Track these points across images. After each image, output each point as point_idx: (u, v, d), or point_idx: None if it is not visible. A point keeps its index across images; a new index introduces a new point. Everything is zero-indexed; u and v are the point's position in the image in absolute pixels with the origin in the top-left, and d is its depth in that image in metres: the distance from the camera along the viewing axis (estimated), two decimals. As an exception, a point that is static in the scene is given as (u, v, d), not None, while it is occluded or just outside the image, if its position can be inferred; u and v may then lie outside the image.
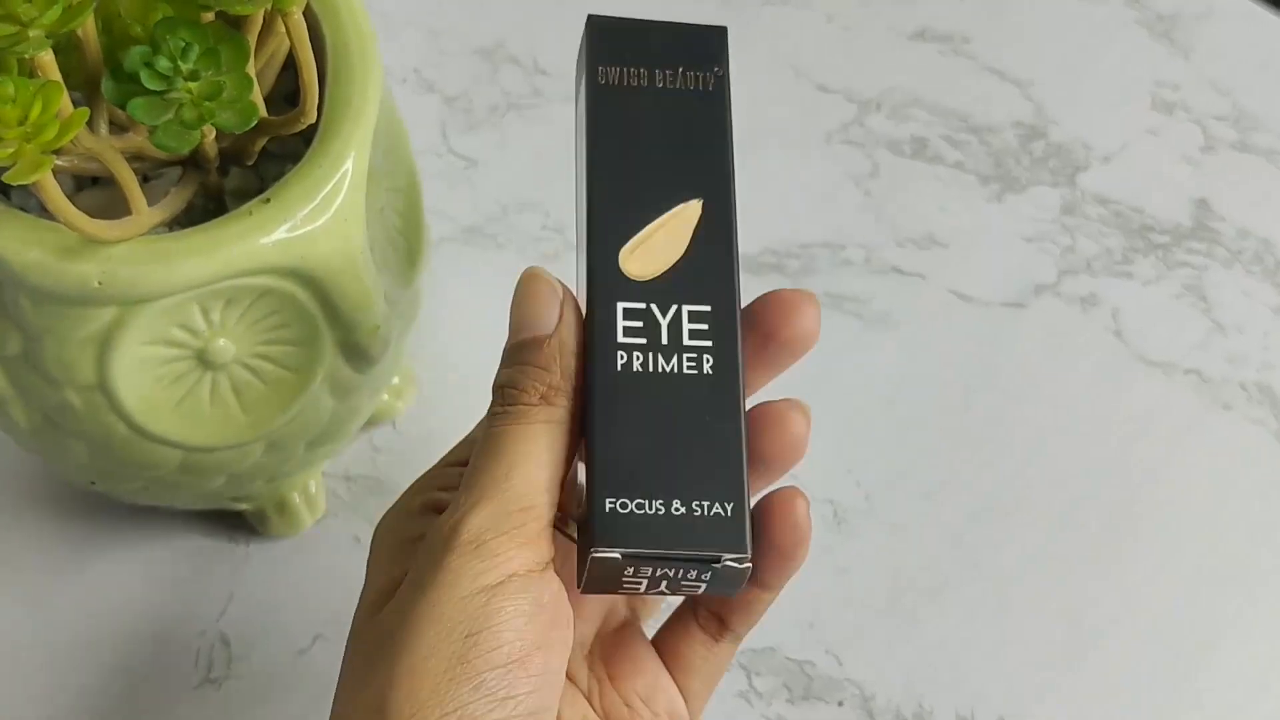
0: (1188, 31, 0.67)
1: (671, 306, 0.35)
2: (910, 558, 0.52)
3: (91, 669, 0.48)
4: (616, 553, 0.33)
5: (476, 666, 0.31)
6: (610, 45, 0.38)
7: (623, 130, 0.37)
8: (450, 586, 0.32)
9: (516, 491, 0.33)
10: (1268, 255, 0.60)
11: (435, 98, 0.63)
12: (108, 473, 0.44)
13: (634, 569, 0.34)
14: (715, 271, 0.36)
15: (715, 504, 0.34)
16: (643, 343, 0.35)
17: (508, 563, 0.32)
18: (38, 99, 0.31)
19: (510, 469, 0.33)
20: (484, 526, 0.32)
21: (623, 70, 0.38)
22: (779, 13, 0.67)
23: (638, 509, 0.33)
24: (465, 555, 0.32)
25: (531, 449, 0.34)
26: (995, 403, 0.56)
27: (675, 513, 0.33)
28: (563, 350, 0.35)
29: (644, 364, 0.35)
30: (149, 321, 0.38)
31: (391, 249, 0.44)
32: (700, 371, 0.35)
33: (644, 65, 0.38)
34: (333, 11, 0.41)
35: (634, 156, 0.37)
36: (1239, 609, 0.51)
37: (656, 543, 0.33)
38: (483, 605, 0.32)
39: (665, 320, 0.35)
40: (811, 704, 0.49)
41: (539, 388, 0.34)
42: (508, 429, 0.34)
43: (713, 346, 0.35)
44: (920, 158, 0.62)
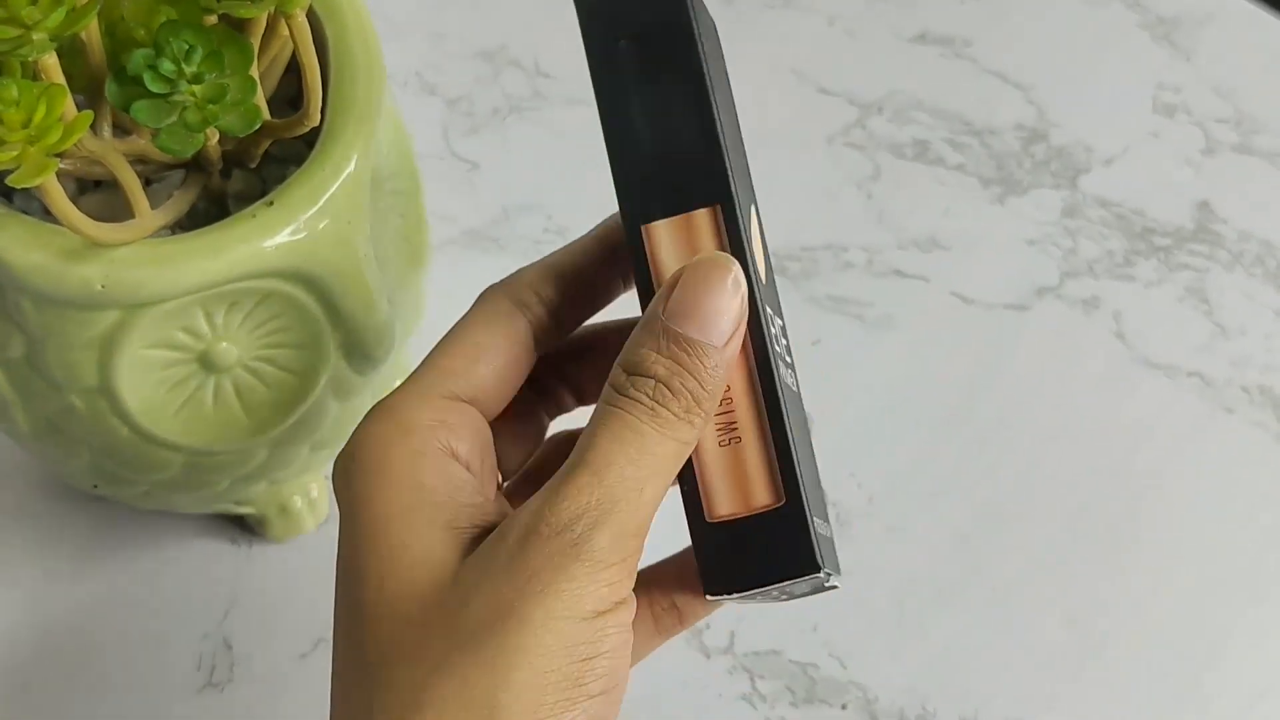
0: (1189, 34, 0.67)
1: (774, 317, 0.34)
2: (913, 561, 0.52)
3: (94, 672, 0.48)
4: (825, 573, 0.32)
5: (588, 690, 0.31)
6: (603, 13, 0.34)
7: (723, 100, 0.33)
8: (576, 600, 0.31)
9: (642, 513, 0.32)
10: (1269, 258, 0.60)
11: (437, 100, 0.63)
12: (110, 476, 0.44)
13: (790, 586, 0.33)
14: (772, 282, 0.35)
15: (827, 523, 0.34)
16: (781, 351, 0.34)
17: (620, 590, 0.32)
18: (41, 102, 0.31)
19: (644, 485, 0.32)
20: (610, 547, 0.31)
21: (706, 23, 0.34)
22: (781, 16, 0.67)
23: (822, 530, 0.33)
24: (594, 577, 0.31)
25: (665, 467, 0.32)
26: (998, 405, 0.56)
27: (826, 534, 0.33)
28: (723, 370, 0.32)
29: (785, 374, 0.33)
30: (152, 325, 0.38)
31: (394, 252, 0.44)
32: (795, 388, 0.34)
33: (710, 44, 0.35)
34: (336, 14, 0.41)
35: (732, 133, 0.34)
36: (1244, 611, 0.51)
37: (831, 562, 0.33)
38: (598, 630, 0.31)
39: (776, 330, 0.34)
40: (815, 707, 0.49)
41: (688, 401, 0.32)
42: (648, 430, 0.32)
43: (791, 362, 0.34)
44: (922, 160, 0.62)
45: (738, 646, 0.50)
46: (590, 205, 0.62)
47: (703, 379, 0.32)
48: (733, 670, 0.49)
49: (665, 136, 0.33)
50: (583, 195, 0.60)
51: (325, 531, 0.51)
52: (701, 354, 0.32)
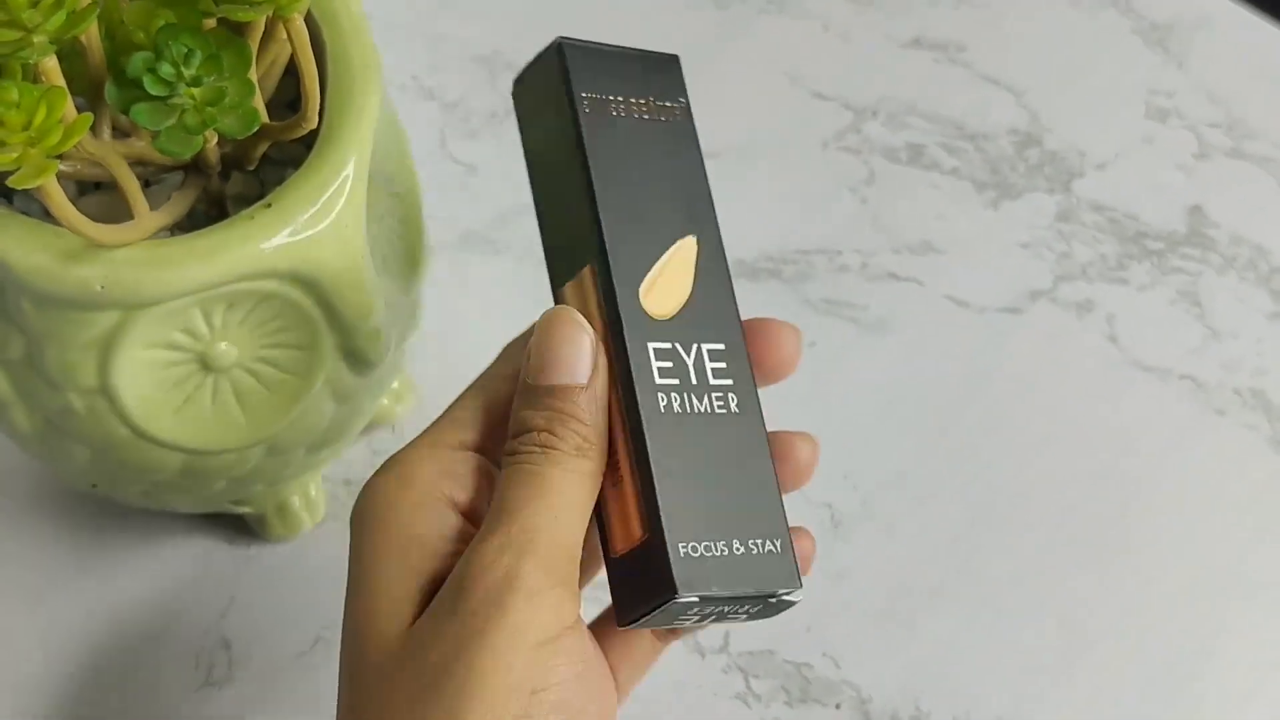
0: (1182, 40, 0.68)
1: (693, 346, 0.36)
2: (907, 561, 0.52)
3: (93, 671, 0.48)
4: (696, 596, 0.34)
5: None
6: (587, 70, 0.38)
7: (617, 161, 0.37)
8: (518, 636, 0.32)
9: (568, 540, 0.33)
10: (1261, 262, 0.61)
11: (434, 104, 0.63)
12: (109, 476, 0.44)
13: (698, 608, 0.34)
14: (720, 309, 0.36)
15: (766, 541, 0.35)
16: (676, 383, 0.35)
17: (566, 615, 0.33)
18: (42, 104, 0.31)
19: (559, 513, 0.33)
20: (543, 573, 0.33)
21: (602, 98, 0.37)
22: (775, 21, 0.67)
23: (706, 552, 0.34)
24: (532, 603, 0.32)
25: (571, 498, 0.34)
26: (991, 408, 0.56)
27: (737, 553, 0.34)
28: (596, 403, 0.35)
29: (681, 405, 0.35)
30: (151, 325, 0.38)
31: (391, 254, 0.44)
32: (729, 410, 0.35)
33: (619, 94, 0.38)
34: (333, 18, 0.41)
35: (632, 190, 0.37)
36: (1234, 613, 0.52)
37: (729, 584, 0.34)
38: (546, 661, 0.32)
39: (690, 360, 0.36)
40: (809, 706, 0.49)
41: (576, 439, 0.34)
42: (548, 471, 0.34)
43: (734, 385, 0.36)
44: (916, 165, 0.63)
45: (732, 646, 0.50)
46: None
47: (579, 415, 0.34)
48: (727, 670, 0.49)
49: (562, 209, 0.38)
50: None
51: (323, 531, 0.51)
52: (569, 396, 0.34)
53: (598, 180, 0.36)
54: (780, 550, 0.35)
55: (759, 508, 0.35)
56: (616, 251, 0.36)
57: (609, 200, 0.36)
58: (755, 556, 0.34)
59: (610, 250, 0.36)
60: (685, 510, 0.34)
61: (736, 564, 0.34)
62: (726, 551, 0.34)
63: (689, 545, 0.34)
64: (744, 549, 0.34)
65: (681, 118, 0.38)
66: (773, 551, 0.35)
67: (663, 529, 0.34)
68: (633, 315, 0.35)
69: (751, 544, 0.35)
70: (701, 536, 0.34)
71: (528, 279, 0.58)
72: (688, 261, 0.36)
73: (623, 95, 0.38)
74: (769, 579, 0.34)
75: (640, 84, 0.38)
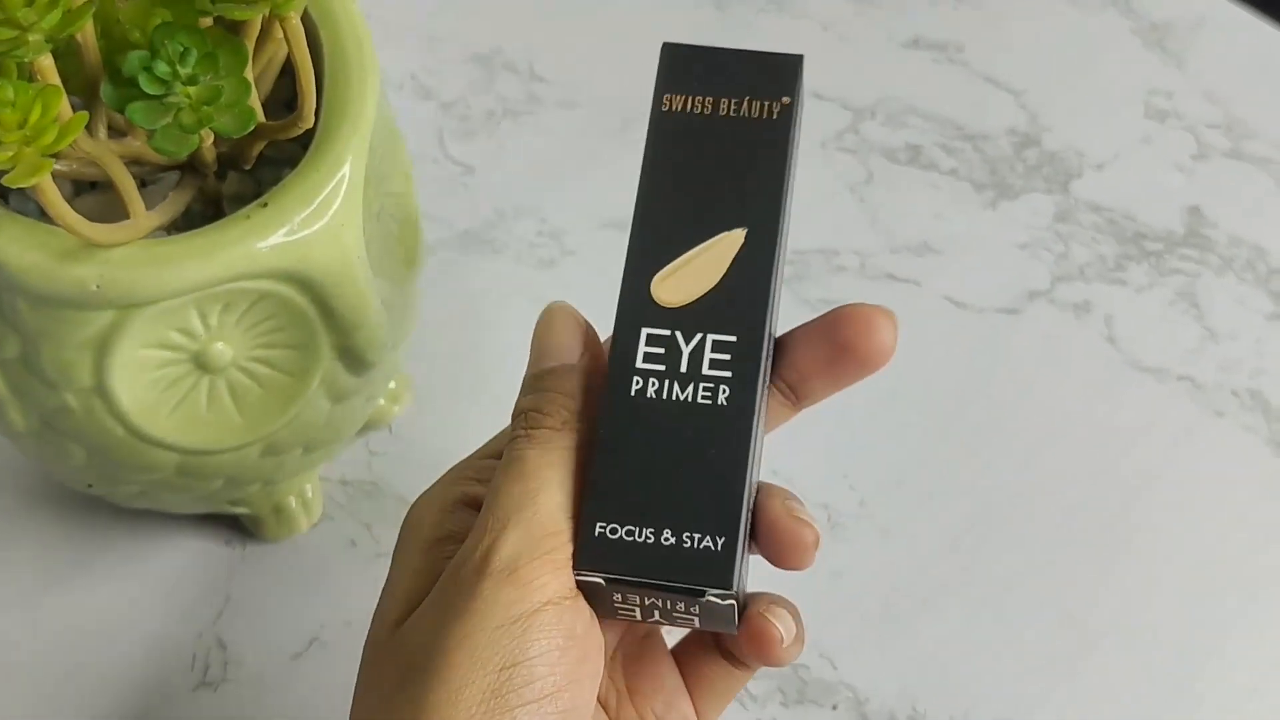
0: (1181, 40, 0.68)
1: (696, 335, 0.35)
2: (905, 562, 0.52)
3: (88, 671, 0.48)
4: (599, 577, 0.33)
5: (509, 701, 0.31)
6: (679, 72, 0.38)
7: (677, 158, 0.37)
8: (485, 615, 0.32)
9: (545, 516, 0.33)
10: (1260, 263, 0.61)
11: (432, 104, 0.63)
12: (105, 475, 0.44)
13: (622, 595, 0.34)
14: (747, 302, 0.36)
15: (707, 537, 0.33)
16: (661, 369, 0.35)
17: (541, 590, 0.32)
18: (37, 103, 0.31)
19: (536, 493, 0.33)
20: (516, 552, 0.32)
21: (688, 98, 0.37)
22: (774, 21, 0.67)
23: (627, 535, 0.33)
24: (500, 582, 0.32)
25: (556, 475, 0.34)
26: (989, 408, 0.56)
27: (665, 542, 0.33)
28: (586, 379, 0.35)
29: (659, 391, 0.35)
30: (146, 325, 0.38)
31: (388, 254, 0.44)
32: (715, 402, 0.35)
33: (711, 93, 0.37)
34: (329, 17, 0.41)
35: (684, 185, 0.37)
36: (1234, 614, 0.52)
37: (639, 570, 0.33)
38: (518, 637, 0.32)
39: (688, 348, 0.35)
40: (806, 708, 0.49)
41: (562, 414, 0.34)
42: (530, 452, 0.34)
43: (731, 378, 0.35)
44: (915, 165, 0.63)
45: (729, 647, 0.50)
46: (583, 208, 0.62)
47: (563, 390, 0.35)
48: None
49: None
50: (576, 198, 0.60)
51: (318, 532, 0.51)
52: (555, 374, 0.35)
53: (646, 176, 0.37)
54: (720, 549, 0.33)
55: (711, 502, 0.34)
56: (640, 238, 0.36)
57: (651, 190, 0.36)
58: (687, 550, 0.33)
59: (635, 236, 0.36)
60: (616, 491, 0.34)
61: (660, 553, 0.33)
62: (653, 539, 0.33)
63: (609, 526, 0.33)
64: (674, 540, 0.33)
65: (779, 116, 0.37)
66: (710, 549, 0.33)
67: (585, 505, 0.34)
68: (633, 299, 0.35)
69: (687, 536, 0.33)
70: (626, 520, 0.33)
71: (525, 279, 0.58)
72: (725, 254, 0.36)
73: (713, 94, 0.37)
74: (694, 574, 0.33)
75: (739, 82, 0.38)
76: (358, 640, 0.35)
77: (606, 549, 0.33)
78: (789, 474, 0.53)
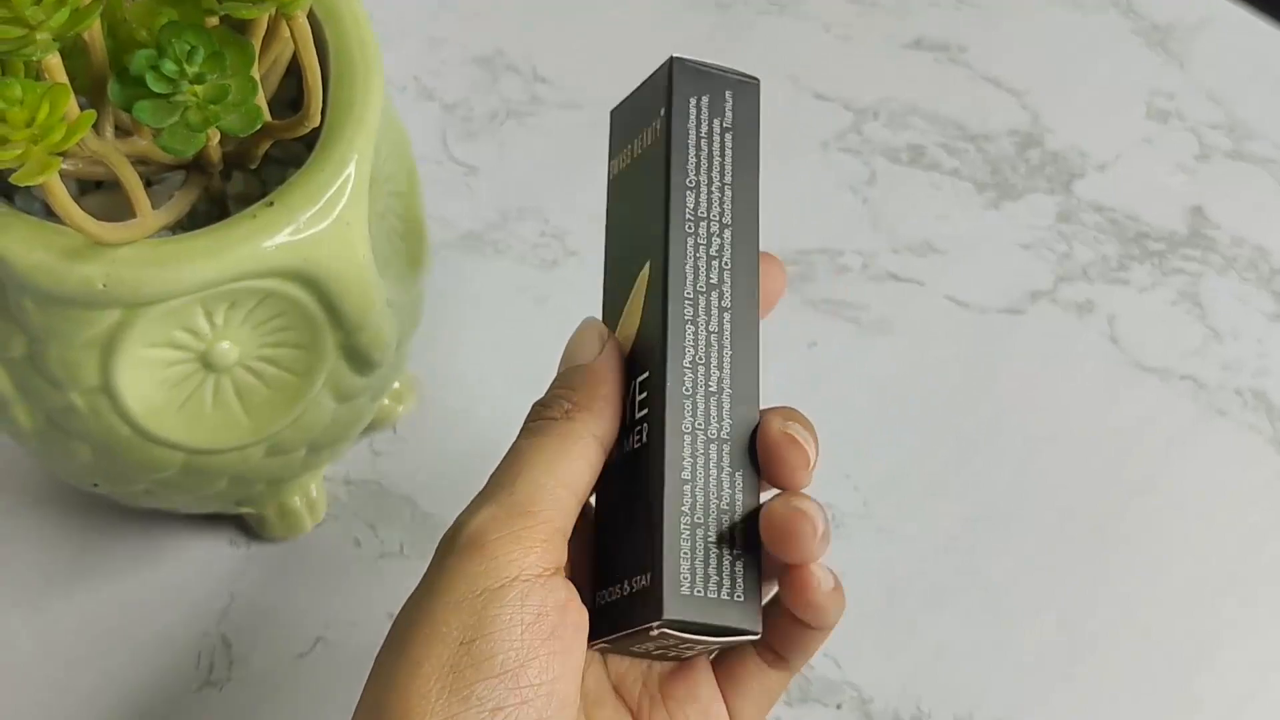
0: (1183, 41, 0.68)
1: (633, 381, 0.36)
2: (908, 562, 0.52)
3: (93, 671, 0.48)
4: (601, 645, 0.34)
5: (468, 677, 0.31)
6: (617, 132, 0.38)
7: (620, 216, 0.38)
8: (448, 590, 0.32)
9: (522, 495, 0.33)
10: (1262, 262, 0.61)
11: (435, 105, 0.63)
12: (110, 475, 0.44)
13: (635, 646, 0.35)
14: (654, 334, 0.35)
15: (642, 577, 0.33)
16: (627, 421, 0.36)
17: (508, 566, 0.32)
18: (45, 101, 0.31)
19: (518, 475, 0.33)
20: (486, 528, 0.32)
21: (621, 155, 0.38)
22: (776, 22, 0.67)
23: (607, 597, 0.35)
24: (465, 557, 0.32)
25: (542, 457, 0.34)
26: (992, 408, 0.56)
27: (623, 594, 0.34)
28: (595, 376, 0.35)
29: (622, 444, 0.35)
30: (153, 324, 0.38)
31: (393, 253, 0.44)
32: (642, 442, 0.34)
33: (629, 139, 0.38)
34: (335, 16, 0.41)
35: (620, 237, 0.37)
36: (1234, 614, 0.52)
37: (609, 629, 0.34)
38: (479, 611, 0.31)
39: (631, 396, 0.35)
40: (810, 706, 0.49)
41: (564, 405, 0.35)
42: (525, 440, 0.34)
43: (649, 414, 0.34)
44: (917, 165, 0.63)
45: (733, 647, 0.50)
46: (587, 209, 0.62)
47: (572, 385, 0.35)
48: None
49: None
50: (579, 199, 0.60)
51: (323, 532, 0.51)
52: (569, 372, 0.36)
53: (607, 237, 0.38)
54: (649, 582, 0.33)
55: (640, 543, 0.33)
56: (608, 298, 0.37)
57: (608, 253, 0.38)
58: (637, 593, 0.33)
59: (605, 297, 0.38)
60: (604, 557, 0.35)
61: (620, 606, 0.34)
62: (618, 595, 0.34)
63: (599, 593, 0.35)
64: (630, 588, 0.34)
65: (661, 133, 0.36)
66: (644, 586, 0.33)
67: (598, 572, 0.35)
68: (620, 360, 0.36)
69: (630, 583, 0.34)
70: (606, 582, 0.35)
71: (528, 280, 0.58)
72: (640, 291, 0.36)
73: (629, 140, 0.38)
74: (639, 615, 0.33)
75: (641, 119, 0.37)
76: (362, 640, 0.36)
77: (599, 616, 0.34)
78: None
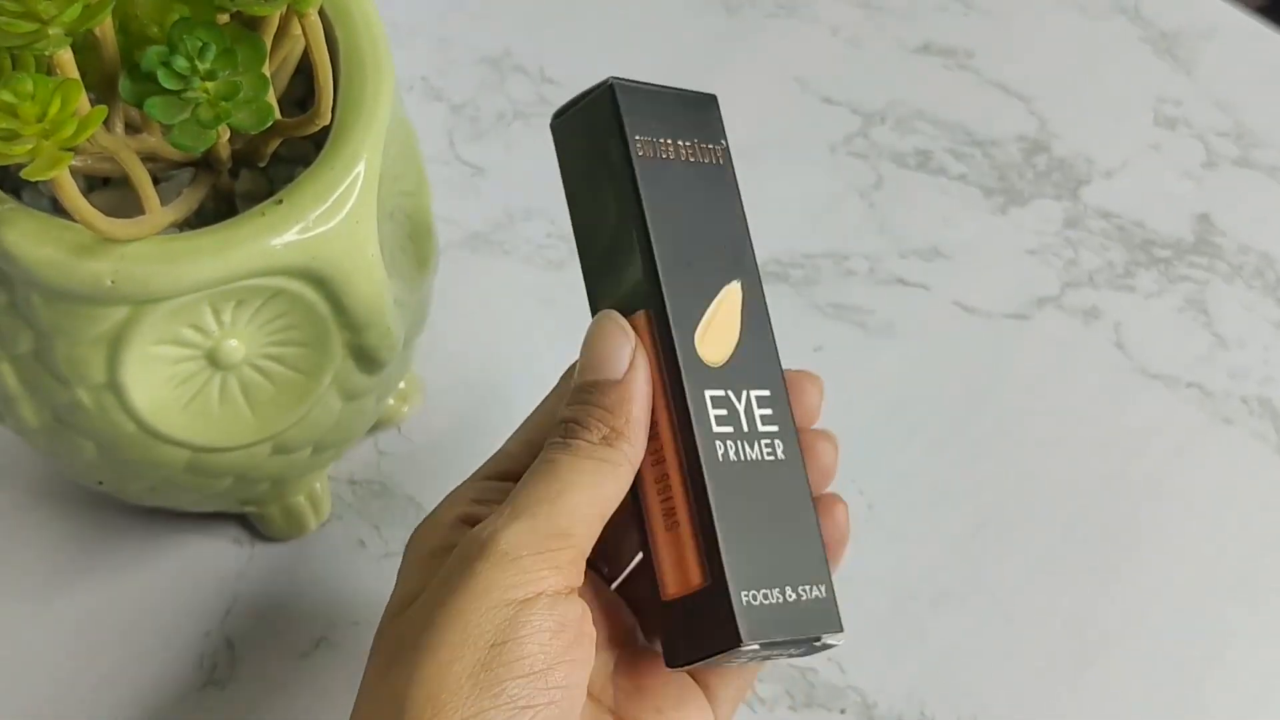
0: (1190, 48, 0.68)
1: (743, 393, 0.36)
2: (913, 567, 0.52)
3: (95, 669, 0.48)
4: (757, 644, 0.34)
5: (499, 675, 0.32)
6: (639, 113, 0.37)
7: (670, 207, 0.37)
8: (481, 595, 0.32)
9: (558, 517, 0.34)
10: (1269, 270, 0.61)
11: (442, 106, 0.63)
12: (116, 472, 0.44)
13: (751, 653, 0.35)
14: (765, 355, 0.37)
15: (814, 587, 0.35)
16: (730, 431, 0.36)
17: (538, 581, 0.33)
18: (57, 96, 0.31)
19: (558, 495, 0.34)
20: (521, 543, 0.33)
21: (653, 141, 0.37)
22: (784, 25, 0.67)
23: (764, 599, 0.35)
24: (498, 566, 0.33)
25: (581, 480, 0.34)
26: (998, 413, 0.56)
27: (789, 600, 0.35)
28: (630, 397, 0.35)
29: (736, 453, 0.36)
30: (160, 321, 0.38)
31: (401, 252, 0.44)
32: (776, 457, 0.36)
33: (667, 136, 0.38)
34: (345, 15, 0.41)
35: (684, 236, 0.37)
36: (1241, 620, 0.52)
37: (785, 630, 0.35)
38: (510, 617, 0.32)
39: (741, 407, 0.36)
40: (814, 711, 0.49)
41: (602, 429, 0.35)
42: (563, 458, 0.35)
43: (779, 431, 0.36)
44: (924, 170, 0.63)
45: (737, 650, 0.50)
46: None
47: (607, 406, 0.35)
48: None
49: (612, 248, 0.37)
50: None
51: (327, 532, 0.51)
52: (601, 389, 0.35)
53: (654, 227, 0.36)
54: (825, 594, 0.36)
55: (805, 553, 0.36)
56: (674, 300, 0.36)
57: (665, 248, 0.36)
58: (805, 602, 0.35)
59: (669, 299, 0.36)
60: (745, 558, 0.35)
61: (790, 610, 0.35)
62: (780, 599, 0.35)
63: (750, 593, 0.34)
64: (795, 595, 0.35)
65: (722, 161, 0.38)
66: (819, 596, 0.35)
67: (725, 577, 0.34)
68: (691, 363, 0.36)
69: (801, 589, 0.35)
70: (759, 584, 0.35)
71: (534, 281, 0.58)
72: (735, 308, 0.37)
73: (670, 138, 0.38)
74: (817, 624, 0.35)
75: (684, 125, 0.38)
76: (366, 640, 0.36)
77: (757, 616, 0.34)
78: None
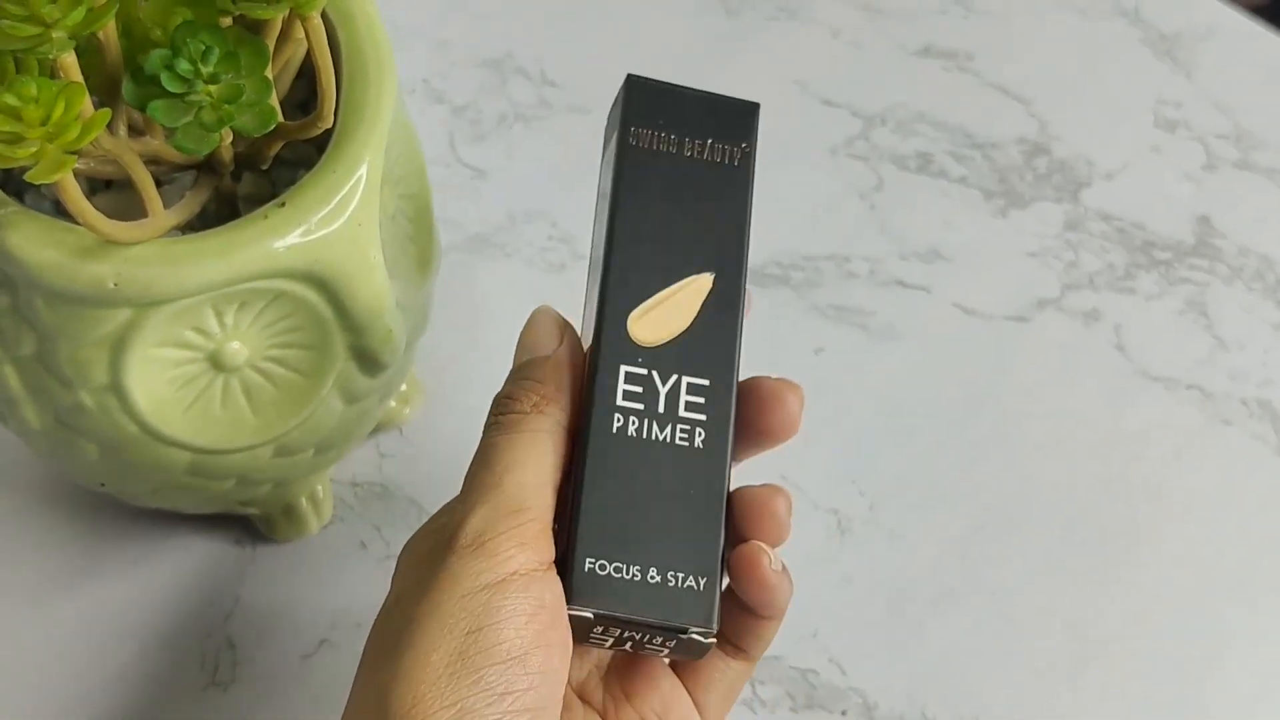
0: (1190, 50, 0.68)
1: (672, 376, 0.36)
2: (913, 567, 0.52)
3: (98, 671, 0.48)
4: (589, 612, 0.34)
5: (476, 663, 0.32)
6: (645, 107, 0.38)
7: (648, 195, 0.38)
8: (452, 585, 0.33)
9: (509, 494, 0.34)
10: (1269, 272, 0.61)
11: (444, 108, 0.63)
12: (118, 474, 0.44)
13: (603, 628, 0.35)
14: (718, 346, 0.37)
15: (689, 576, 0.35)
16: (640, 408, 0.36)
17: (507, 562, 0.33)
18: (60, 99, 0.31)
19: (503, 473, 0.34)
20: (481, 528, 0.33)
21: (654, 134, 0.38)
22: (786, 28, 0.67)
23: (615, 572, 0.35)
24: (465, 555, 0.33)
25: (521, 455, 0.35)
26: (998, 415, 0.56)
27: (651, 580, 0.35)
28: (559, 367, 0.36)
29: (639, 430, 0.36)
30: (163, 323, 0.38)
31: (402, 255, 0.44)
32: (691, 444, 0.36)
33: (675, 132, 0.38)
34: (348, 18, 0.41)
35: (655, 222, 0.38)
36: (1240, 621, 0.52)
37: (629, 608, 0.34)
38: (484, 603, 0.32)
39: (664, 389, 0.36)
40: (815, 713, 0.49)
41: (532, 398, 0.36)
42: (500, 438, 0.35)
43: (706, 420, 0.36)
44: (925, 172, 0.63)
45: (738, 652, 0.50)
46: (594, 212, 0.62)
47: (538, 377, 0.36)
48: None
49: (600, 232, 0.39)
50: (587, 203, 0.60)
51: (329, 533, 0.51)
52: (534, 364, 0.37)
53: (622, 203, 0.38)
54: (702, 589, 0.35)
55: (692, 542, 0.35)
56: (617, 272, 0.37)
57: (626, 225, 0.37)
58: (672, 589, 0.35)
59: (611, 269, 0.37)
60: (602, 525, 0.35)
61: (646, 591, 0.35)
62: (639, 577, 0.35)
63: (598, 562, 0.34)
64: (660, 578, 0.35)
65: (740, 163, 0.39)
66: (692, 588, 0.35)
67: (575, 541, 0.35)
68: (614, 335, 0.36)
69: (673, 575, 0.35)
70: (614, 556, 0.35)
71: (536, 283, 0.58)
72: (695, 297, 0.37)
73: (675, 133, 0.38)
74: (678, 612, 0.35)
75: (700, 125, 0.39)
76: (367, 642, 0.36)
77: (596, 584, 0.34)
78: (798, 479, 0.53)
